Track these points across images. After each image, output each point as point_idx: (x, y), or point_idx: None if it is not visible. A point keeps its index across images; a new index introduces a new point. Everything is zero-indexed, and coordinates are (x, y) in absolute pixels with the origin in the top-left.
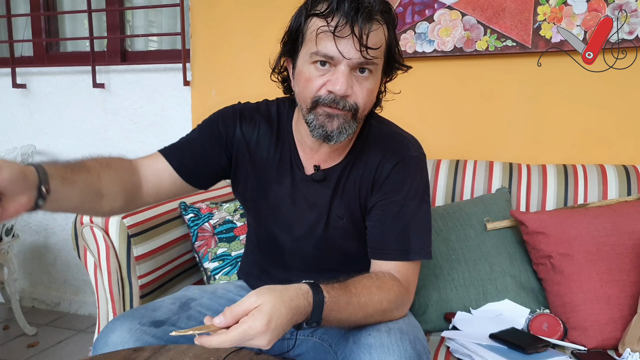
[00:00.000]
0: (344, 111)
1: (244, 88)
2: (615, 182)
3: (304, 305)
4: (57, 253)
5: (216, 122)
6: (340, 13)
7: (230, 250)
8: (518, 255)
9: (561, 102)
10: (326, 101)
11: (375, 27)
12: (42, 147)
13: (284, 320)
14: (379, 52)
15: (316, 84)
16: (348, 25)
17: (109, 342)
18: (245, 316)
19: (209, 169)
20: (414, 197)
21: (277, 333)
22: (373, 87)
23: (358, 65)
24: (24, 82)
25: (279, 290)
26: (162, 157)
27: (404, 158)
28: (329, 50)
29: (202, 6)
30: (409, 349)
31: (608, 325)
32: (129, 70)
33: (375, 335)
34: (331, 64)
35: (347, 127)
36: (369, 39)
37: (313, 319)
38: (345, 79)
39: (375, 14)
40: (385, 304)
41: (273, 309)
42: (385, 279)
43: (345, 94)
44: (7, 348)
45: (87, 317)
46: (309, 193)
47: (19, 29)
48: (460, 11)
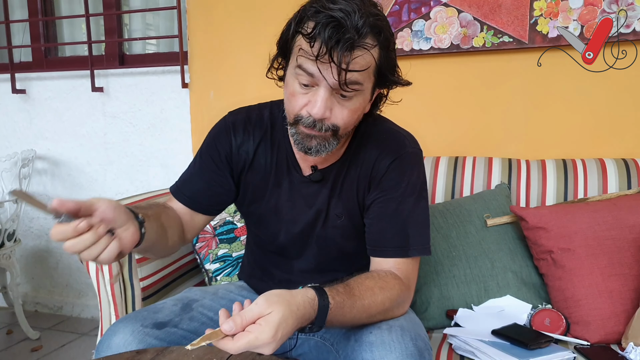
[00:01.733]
0: (322, 132)
1: (242, 89)
2: (615, 176)
3: (310, 313)
4: (59, 257)
5: (214, 145)
6: (322, 40)
7: (231, 251)
8: (519, 251)
9: (559, 98)
10: (305, 123)
11: (360, 54)
12: (43, 151)
13: (290, 330)
14: (364, 74)
15: (299, 103)
16: (328, 54)
17: (112, 344)
18: (253, 324)
19: (224, 197)
20: (411, 193)
21: (282, 342)
22: (357, 106)
23: (338, 89)
24: (24, 87)
25: (287, 299)
26: (178, 203)
27: (400, 154)
28: (310, 69)
29: (198, 8)
30: (410, 345)
31: (611, 320)
32: (127, 73)
33: (376, 332)
34: (312, 83)
35: (326, 145)
36: (351, 65)
37: (316, 323)
38: (323, 102)
39: (359, 42)
40: (388, 303)
41: (281, 319)
42: (387, 279)
43: (322, 117)
44: (11, 352)
45: (89, 321)
46: (307, 194)
47: (18, 34)
48: (457, 8)
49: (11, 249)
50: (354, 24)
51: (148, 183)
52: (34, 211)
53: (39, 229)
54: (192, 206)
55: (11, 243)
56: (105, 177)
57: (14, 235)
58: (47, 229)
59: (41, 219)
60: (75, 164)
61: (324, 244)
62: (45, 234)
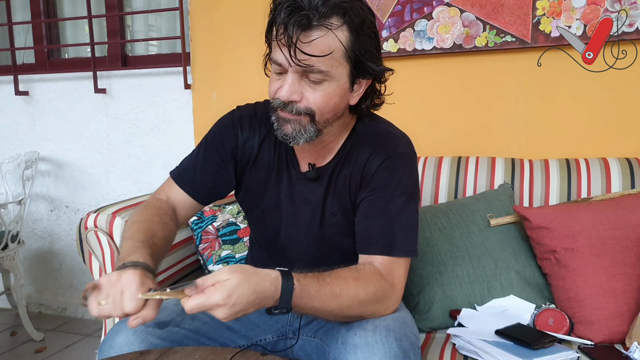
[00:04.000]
0: (296, 115)
1: (244, 89)
2: (618, 176)
3: (271, 290)
4: (63, 258)
5: (219, 137)
6: (279, 20)
7: (234, 252)
8: (522, 251)
9: (562, 97)
10: (276, 104)
11: (320, 34)
12: (46, 153)
13: (245, 299)
14: (330, 59)
15: (273, 88)
16: (284, 34)
17: (115, 344)
18: (211, 287)
19: (223, 190)
20: (401, 194)
21: (236, 310)
22: (331, 92)
23: (303, 72)
24: (27, 89)
25: (249, 272)
26: (179, 188)
27: (392, 155)
28: (278, 57)
29: (201, 9)
30: (394, 346)
31: (615, 320)
32: (130, 74)
33: (361, 334)
34: (282, 70)
35: (302, 131)
36: (311, 46)
37: (281, 304)
38: (289, 85)
39: (317, 20)
40: (363, 295)
41: (236, 287)
42: (364, 271)
43: (289, 99)
44: (15, 354)
45: (93, 322)
46: (305, 191)
47: (20, 36)
48: (459, 8)
49: (15, 250)
50: (313, 4)
51: (151, 184)
52: (37, 212)
53: (43, 230)
54: (191, 194)
55: (15, 244)
56: (108, 179)
57: (17, 236)
58: (50, 230)
59: (44, 220)
60: (78, 165)
61: (322, 242)
62: (49, 236)
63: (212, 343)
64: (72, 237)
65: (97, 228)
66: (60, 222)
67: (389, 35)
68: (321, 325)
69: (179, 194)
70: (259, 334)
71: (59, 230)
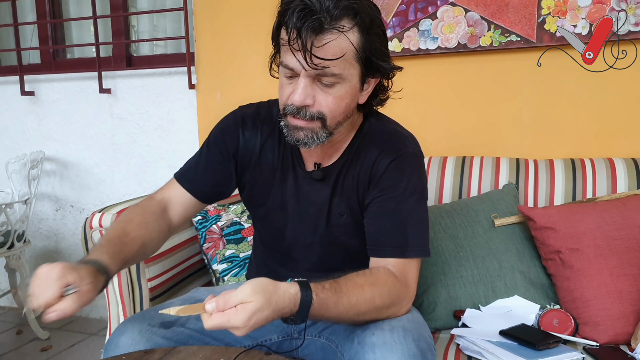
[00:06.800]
0: (308, 121)
1: (249, 90)
2: (624, 176)
3: (289, 307)
4: (68, 258)
5: (221, 137)
6: (291, 25)
7: (238, 252)
8: (527, 251)
9: (567, 97)
10: (289, 111)
11: (332, 37)
12: (51, 153)
13: (264, 319)
14: (343, 61)
15: (285, 94)
16: (297, 38)
17: (120, 343)
18: (232, 308)
19: (225, 188)
20: (411, 194)
21: (254, 328)
22: (343, 94)
23: (316, 75)
24: (32, 89)
25: (270, 291)
26: (179, 186)
27: (400, 154)
28: (289, 61)
29: (205, 10)
30: (413, 346)
31: (620, 320)
32: (135, 74)
33: (378, 334)
34: (294, 74)
35: (314, 137)
36: (324, 49)
37: (298, 317)
38: (302, 89)
39: (329, 24)
40: (379, 300)
41: (257, 310)
42: (378, 275)
43: (302, 104)
44: (21, 352)
45: (98, 321)
46: (311, 191)
47: (26, 37)
48: (464, 7)
49: (21, 249)
50: (324, 7)
51: (155, 184)
52: (43, 212)
53: (48, 229)
54: (192, 192)
55: (21, 244)
56: (113, 178)
57: (23, 236)
58: (56, 230)
59: (50, 220)
60: (83, 165)
61: (328, 242)
62: (54, 235)
63: (217, 343)
64: (77, 237)
65: (102, 227)
66: (66, 221)
67: (393, 35)
68: (327, 325)
69: (180, 193)
70: (264, 334)
71: (64, 230)
